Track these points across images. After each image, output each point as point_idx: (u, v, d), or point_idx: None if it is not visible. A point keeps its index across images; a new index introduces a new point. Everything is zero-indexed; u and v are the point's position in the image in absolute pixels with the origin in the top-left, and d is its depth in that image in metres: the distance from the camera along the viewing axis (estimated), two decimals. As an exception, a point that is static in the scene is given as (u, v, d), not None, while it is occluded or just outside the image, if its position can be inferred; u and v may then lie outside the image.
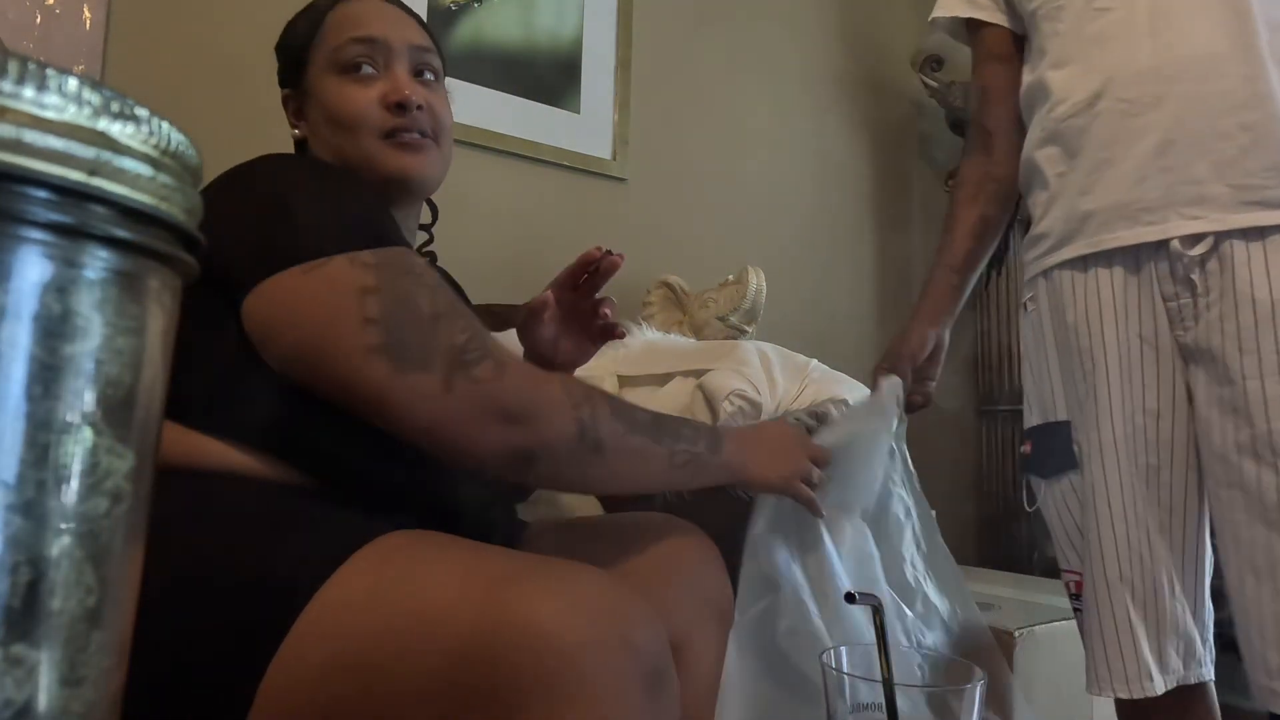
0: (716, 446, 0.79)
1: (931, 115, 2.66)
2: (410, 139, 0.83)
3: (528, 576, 0.55)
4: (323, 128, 0.83)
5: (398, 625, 0.54)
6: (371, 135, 0.81)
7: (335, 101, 0.81)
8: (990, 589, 1.24)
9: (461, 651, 0.52)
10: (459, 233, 1.92)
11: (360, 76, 0.82)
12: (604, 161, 1.98)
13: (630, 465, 0.72)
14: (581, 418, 0.68)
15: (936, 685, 0.60)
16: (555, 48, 1.92)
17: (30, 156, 0.23)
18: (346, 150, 0.82)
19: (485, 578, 0.55)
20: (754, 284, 1.71)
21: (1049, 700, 1.02)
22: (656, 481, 0.76)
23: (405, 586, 0.56)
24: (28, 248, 0.24)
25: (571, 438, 0.67)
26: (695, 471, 0.77)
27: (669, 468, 0.75)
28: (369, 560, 0.59)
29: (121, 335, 0.27)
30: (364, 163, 0.81)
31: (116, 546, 0.27)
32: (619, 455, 0.71)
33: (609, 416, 0.70)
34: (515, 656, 0.51)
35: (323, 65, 0.83)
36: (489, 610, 0.52)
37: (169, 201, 0.28)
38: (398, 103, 0.81)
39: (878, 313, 2.53)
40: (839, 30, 2.51)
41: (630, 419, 0.72)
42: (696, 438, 0.77)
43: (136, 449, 0.28)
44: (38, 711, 0.24)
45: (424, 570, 0.57)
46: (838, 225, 2.46)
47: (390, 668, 0.53)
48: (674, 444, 0.74)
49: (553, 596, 0.53)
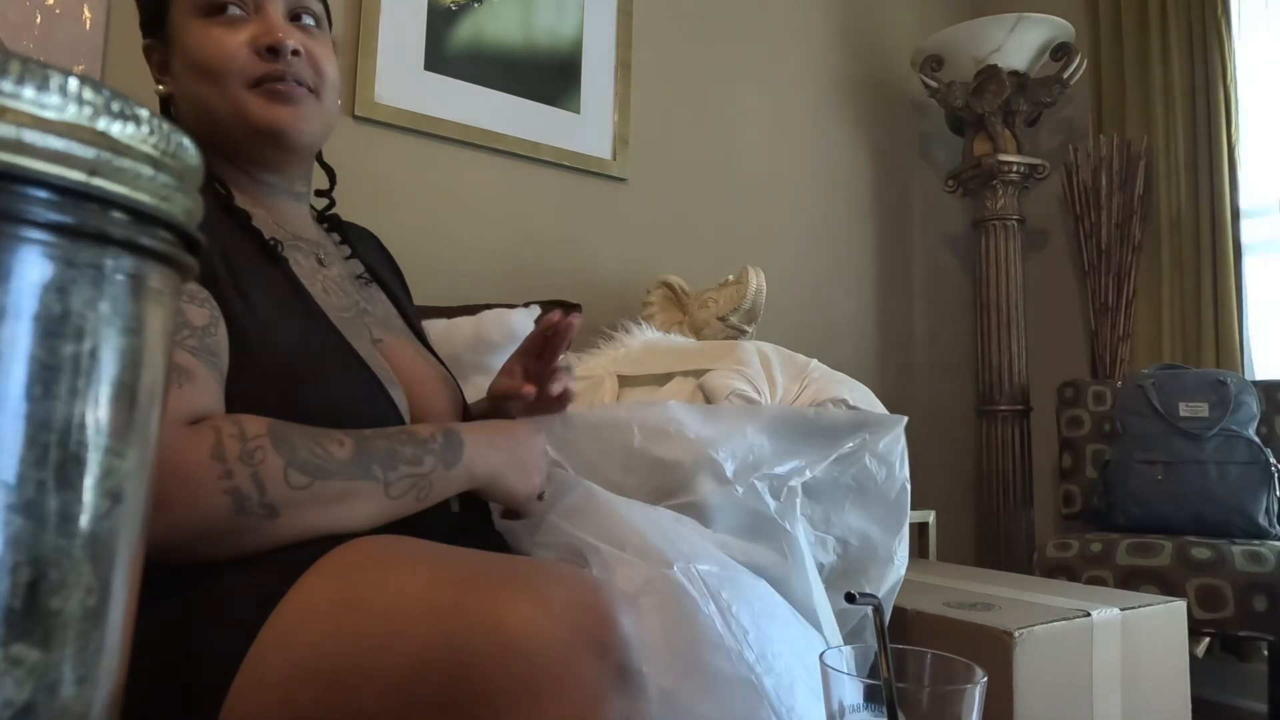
0: (454, 456, 0.69)
1: (931, 115, 2.66)
2: (284, 88, 0.75)
3: (493, 579, 0.53)
4: (187, 79, 0.75)
5: (362, 635, 0.53)
6: (239, 83, 0.74)
7: (199, 47, 0.74)
8: (990, 589, 1.24)
9: (427, 660, 0.50)
10: (459, 232, 1.93)
11: (227, 18, 0.74)
12: (604, 161, 1.98)
13: (323, 515, 0.61)
14: (238, 486, 0.57)
15: (936, 685, 0.60)
16: (555, 48, 1.92)
17: (30, 156, 0.23)
18: (213, 102, 0.75)
19: (450, 582, 0.53)
20: (754, 284, 1.71)
21: (1049, 700, 1.02)
22: (368, 518, 0.64)
23: (370, 594, 0.54)
24: (28, 248, 0.24)
25: (224, 513, 0.57)
26: (423, 493, 0.67)
27: (385, 500, 0.64)
28: (334, 568, 0.57)
29: (121, 335, 0.27)
30: (231, 116, 0.75)
31: (116, 546, 0.27)
32: (303, 510, 0.60)
33: (280, 472, 0.59)
34: (481, 664, 0.49)
35: (185, 8, 0.75)
36: (454, 617, 0.51)
37: (169, 201, 0.28)
38: (269, 46, 0.74)
39: (878, 313, 2.53)
40: (839, 30, 2.51)
41: (318, 463, 0.61)
42: (422, 454, 0.67)
43: (136, 449, 0.28)
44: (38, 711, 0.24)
45: (389, 576, 0.55)
46: (838, 225, 2.46)
47: (355, 679, 0.52)
48: (387, 473, 0.64)
49: (519, 599, 0.51)
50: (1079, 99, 2.54)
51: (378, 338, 0.81)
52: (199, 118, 0.76)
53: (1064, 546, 1.78)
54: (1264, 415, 1.92)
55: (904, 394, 2.50)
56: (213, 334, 0.65)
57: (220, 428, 0.59)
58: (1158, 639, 1.17)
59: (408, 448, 0.67)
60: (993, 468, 2.38)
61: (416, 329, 0.92)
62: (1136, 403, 1.96)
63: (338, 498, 0.62)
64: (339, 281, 0.81)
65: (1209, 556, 1.63)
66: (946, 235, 2.73)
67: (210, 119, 0.75)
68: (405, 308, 0.92)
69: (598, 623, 0.53)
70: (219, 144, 0.77)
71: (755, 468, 0.90)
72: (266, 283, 0.71)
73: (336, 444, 0.63)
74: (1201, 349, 2.19)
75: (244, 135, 0.76)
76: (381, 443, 0.65)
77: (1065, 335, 2.54)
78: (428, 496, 0.68)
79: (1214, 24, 2.25)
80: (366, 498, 0.64)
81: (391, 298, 0.91)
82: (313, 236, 0.83)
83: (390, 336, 0.83)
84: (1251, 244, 2.20)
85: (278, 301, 0.71)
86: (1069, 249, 2.55)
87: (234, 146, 0.77)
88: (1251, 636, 1.60)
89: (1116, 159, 2.36)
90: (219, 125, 0.76)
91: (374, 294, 0.87)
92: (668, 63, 2.13)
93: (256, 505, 0.58)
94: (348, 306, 0.79)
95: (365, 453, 0.64)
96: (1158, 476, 1.88)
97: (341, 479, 0.62)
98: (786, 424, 0.96)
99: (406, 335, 0.87)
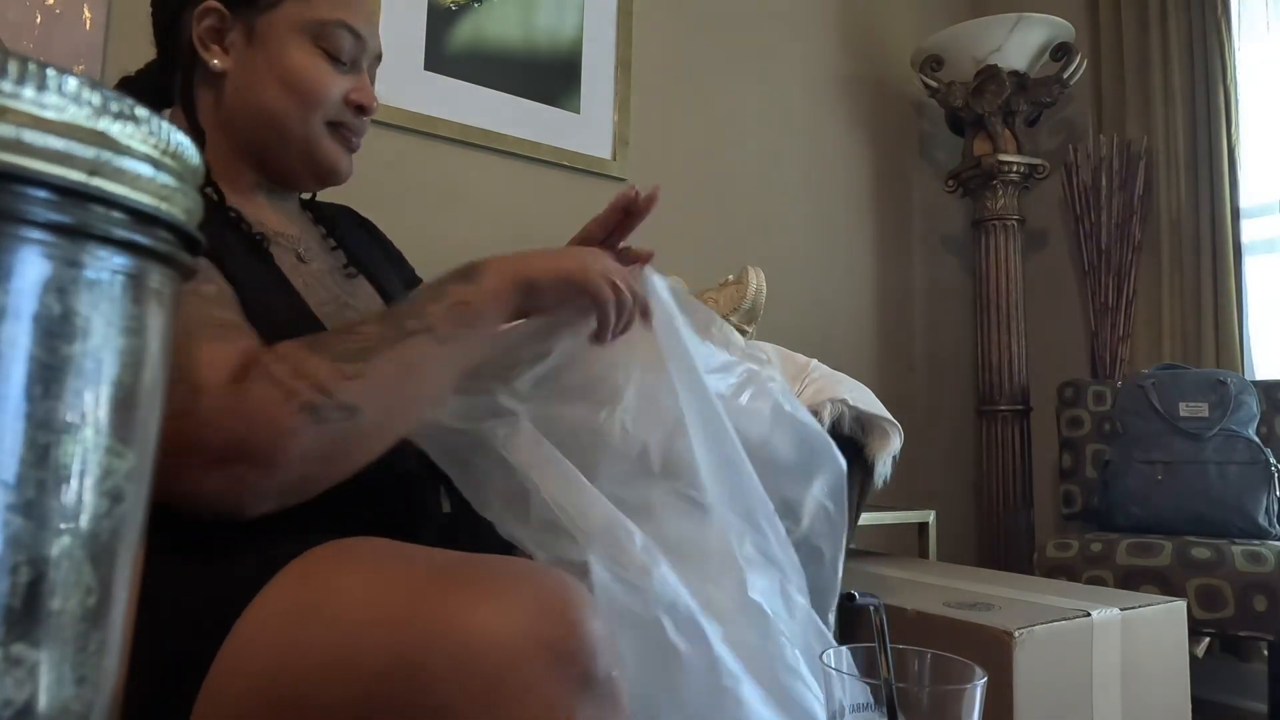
0: (472, 273, 0.66)
1: (931, 115, 2.66)
2: (356, 142, 0.82)
3: (451, 583, 0.51)
4: (266, 80, 0.76)
5: (319, 649, 0.51)
6: (322, 119, 0.78)
7: (300, 67, 0.76)
8: (990, 589, 1.24)
9: (382, 675, 0.49)
10: (458, 232, 1.93)
11: (331, 59, 0.78)
12: (604, 161, 1.98)
13: (398, 391, 0.61)
14: (305, 400, 0.57)
15: (936, 685, 0.60)
16: (555, 48, 1.92)
17: (30, 156, 0.23)
18: (287, 118, 0.77)
19: (406, 589, 0.51)
20: (754, 284, 1.71)
21: (1049, 700, 1.02)
22: (441, 374, 0.63)
23: (327, 604, 0.53)
24: (28, 248, 0.24)
25: (310, 429, 0.56)
26: (468, 318, 0.64)
27: (438, 346, 0.62)
28: (293, 578, 0.55)
29: (121, 335, 0.27)
30: (300, 140, 0.78)
31: (116, 546, 0.27)
32: (375, 395, 0.59)
33: (331, 370, 0.58)
34: (436, 678, 0.48)
35: (297, 23, 0.77)
36: (410, 626, 0.49)
37: (169, 201, 0.28)
38: (361, 105, 0.80)
39: (878, 313, 2.53)
40: (839, 30, 2.51)
41: (359, 347, 0.60)
42: (441, 288, 0.65)
43: (136, 449, 0.28)
44: (38, 711, 0.24)
45: (347, 584, 0.54)
46: (838, 225, 2.46)
47: (313, 695, 0.51)
48: (423, 318, 0.62)
49: (475, 608, 0.49)
50: (1079, 99, 2.54)
51: None
52: (254, 114, 0.77)
53: (1064, 546, 1.78)
54: (1264, 415, 1.92)
55: (904, 394, 2.50)
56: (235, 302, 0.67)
57: (261, 359, 0.59)
58: (1158, 639, 1.17)
59: (425, 294, 0.65)
60: (993, 468, 2.38)
61: None
62: (1136, 403, 1.96)
63: (397, 368, 0.61)
64: (319, 277, 0.81)
65: (1209, 556, 1.63)
66: (946, 235, 2.73)
67: (268, 123, 0.77)
68: (393, 296, 0.90)
69: (560, 629, 0.50)
70: (257, 141, 0.78)
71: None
72: (252, 276, 0.72)
73: (363, 325, 0.62)
74: (1201, 349, 2.19)
75: (298, 158, 0.79)
76: (401, 305, 0.65)
77: (1065, 335, 2.54)
78: (477, 319, 0.65)
79: (1214, 24, 2.25)
80: (423, 353, 0.62)
81: (377, 286, 0.89)
82: (294, 231, 0.83)
83: None
84: (1251, 244, 2.20)
85: (262, 297, 0.71)
86: (1069, 249, 2.55)
87: (273, 155, 0.79)
88: (1251, 636, 1.60)
89: (1116, 159, 2.36)
90: (275, 135, 0.78)
91: (358, 287, 0.87)
92: (668, 63, 2.13)
93: (332, 409, 0.58)
94: (327, 301, 0.79)
95: (390, 316, 0.63)
96: (1158, 476, 1.88)
97: (386, 348, 0.60)
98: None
99: None
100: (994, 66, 2.33)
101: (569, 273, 0.69)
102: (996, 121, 2.37)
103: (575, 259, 0.70)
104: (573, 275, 0.69)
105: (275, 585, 0.55)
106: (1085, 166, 2.42)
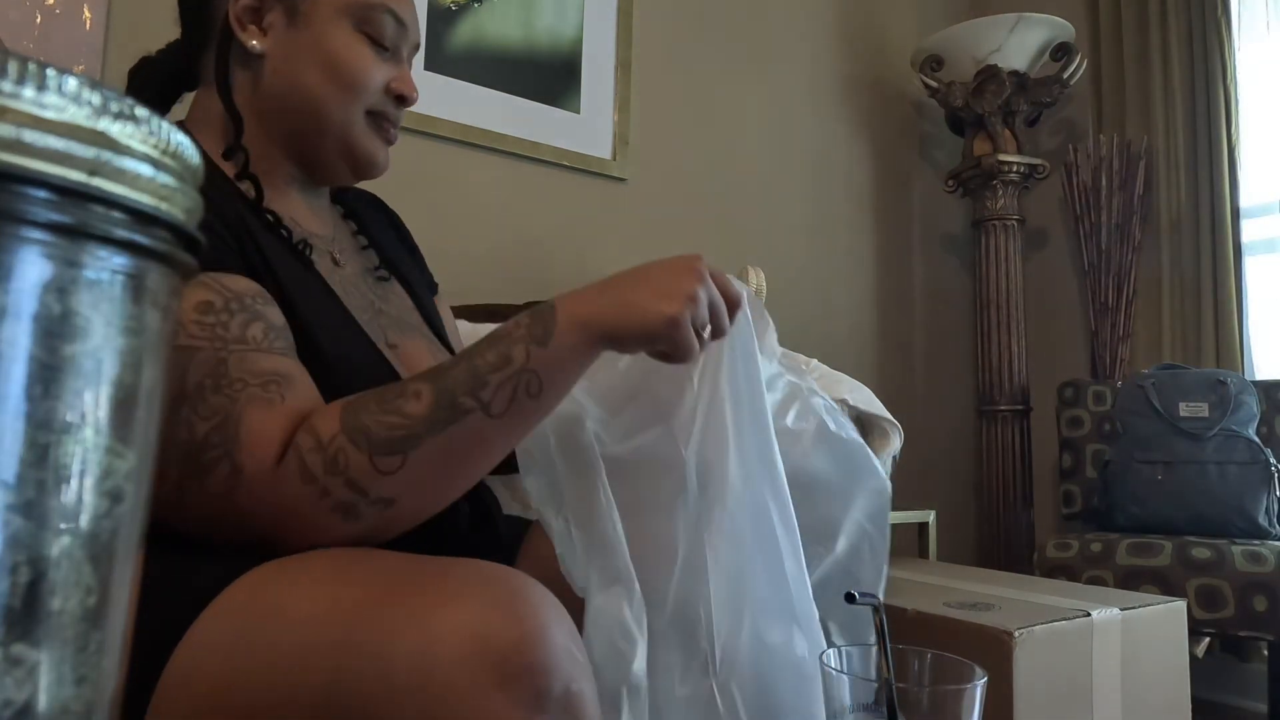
0: (545, 329, 0.59)
1: (931, 115, 2.66)
2: (393, 133, 0.79)
3: (391, 602, 0.48)
4: (308, 64, 0.73)
5: (260, 673, 0.49)
6: (362, 107, 0.75)
7: (345, 52, 0.73)
8: (990, 589, 1.24)
9: (323, 699, 0.47)
10: (459, 232, 1.93)
11: (375, 45, 0.75)
12: (604, 161, 1.98)
13: (442, 475, 0.57)
14: (338, 500, 0.55)
15: (936, 685, 0.60)
16: (555, 48, 1.92)
17: (30, 156, 0.23)
18: (327, 103, 0.74)
19: (346, 610, 0.49)
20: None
21: (1049, 700, 1.02)
22: (493, 451, 0.59)
23: (267, 628, 0.50)
24: (28, 248, 0.24)
25: (342, 526, 0.56)
26: (533, 388, 0.58)
27: (492, 422, 0.57)
28: (236, 597, 0.53)
29: (121, 335, 0.27)
30: (338, 126, 0.75)
31: (116, 546, 0.27)
32: (414, 486, 0.57)
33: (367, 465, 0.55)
34: (376, 701, 0.46)
35: (341, 5, 0.73)
36: (348, 650, 0.47)
37: (169, 201, 0.28)
38: (401, 95, 0.77)
39: (878, 313, 2.53)
40: (839, 30, 2.51)
41: (401, 435, 0.56)
42: (508, 350, 0.58)
43: (136, 449, 0.28)
44: (38, 711, 0.24)
45: (289, 603, 0.51)
46: (838, 225, 2.46)
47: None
48: (478, 394, 0.57)
49: (415, 629, 0.46)
50: (1079, 99, 2.54)
51: (393, 343, 0.78)
52: (293, 100, 0.74)
53: (1064, 546, 1.78)
54: (1264, 415, 1.92)
55: (904, 394, 2.50)
56: (289, 332, 0.64)
57: (299, 444, 0.56)
58: (1158, 639, 1.17)
59: (489, 354, 0.58)
60: (993, 468, 2.38)
61: (433, 321, 0.88)
62: (1136, 403, 1.96)
63: (443, 456, 0.57)
64: (354, 281, 0.79)
65: (1209, 556, 1.63)
66: (946, 235, 2.73)
67: (306, 110, 0.74)
68: (421, 298, 0.89)
69: (507, 646, 0.46)
70: (294, 129, 0.75)
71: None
72: (301, 284, 0.69)
73: (413, 399, 0.57)
74: (1201, 349, 2.19)
75: (335, 148, 0.76)
76: (460, 367, 0.58)
77: (1065, 335, 2.54)
78: (542, 390, 0.58)
79: (1214, 24, 2.25)
80: (473, 433, 0.57)
81: (408, 288, 0.87)
82: (327, 232, 0.80)
83: (405, 339, 0.80)
84: (1251, 244, 2.20)
85: (313, 304, 0.69)
86: (1069, 249, 2.55)
87: (310, 144, 0.76)
88: (1251, 636, 1.60)
89: (1116, 159, 2.36)
90: (313, 122, 0.74)
91: (389, 290, 0.84)
92: (668, 62, 2.13)
93: (366, 506, 0.56)
94: (364, 308, 0.77)
95: (445, 390, 0.57)
96: (1158, 476, 1.88)
97: (432, 435, 0.56)
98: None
99: (422, 334, 0.84)
100: (994, 66, 2.33)
101: (655, 333, 0.61)
102: (996, 121, 2.37)
103: (667, 301, 0.60)
104: (659, 335, 0.61)
105: (218, 608, 0.53)
106: (1085, 166, 2.42)
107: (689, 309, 0.61)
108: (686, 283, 0.61)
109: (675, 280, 0.61)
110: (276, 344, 0.61)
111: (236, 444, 0.56)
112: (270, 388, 0.58)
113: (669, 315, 0.60)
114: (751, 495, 0.69)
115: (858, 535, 0.79)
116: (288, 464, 0.56)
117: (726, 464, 0.68)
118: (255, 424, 0.56)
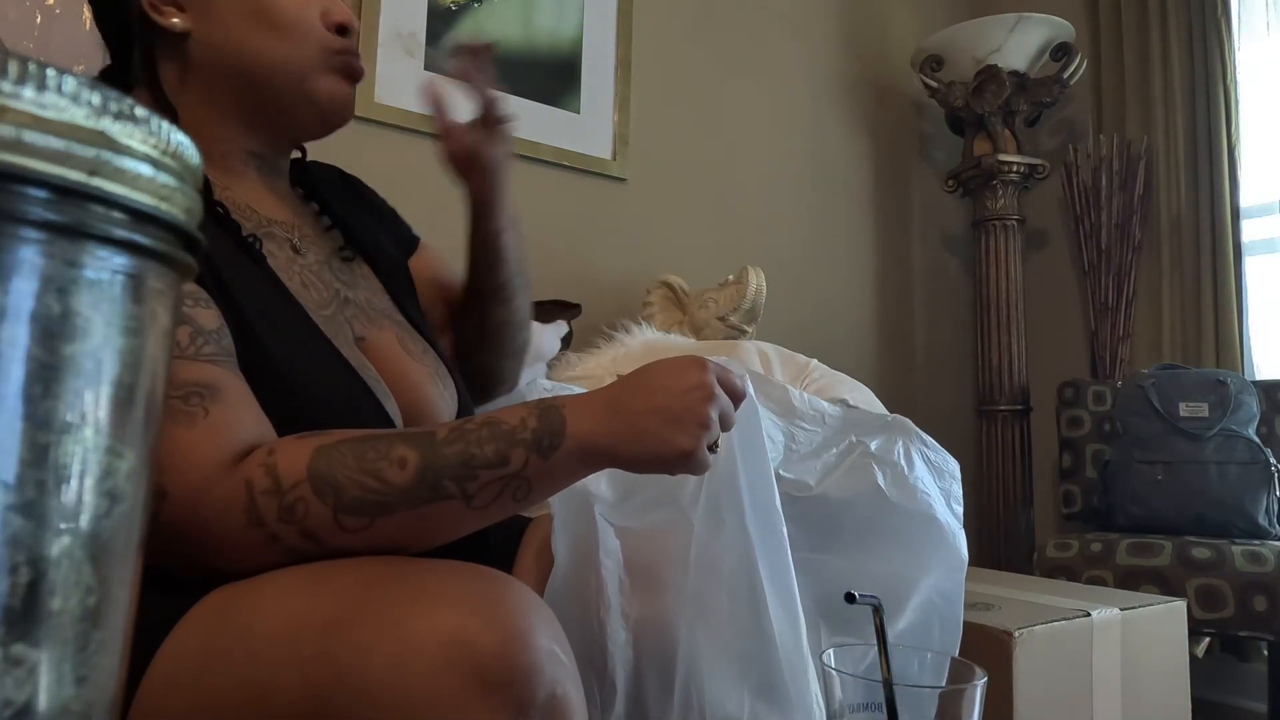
0: (551, 440, 0.55)
1: (931, 115, 2.66)
2: (357, 67, 0.73)
3: (361, 615, 0.46)
4: (236, 22, 0.68)
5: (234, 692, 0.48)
6: (314, 50, 0.70)
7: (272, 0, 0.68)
8: (990, 589, 1.24)
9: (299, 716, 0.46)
10: (458, 233, 1.92)
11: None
12: (604, 161, 1.98)
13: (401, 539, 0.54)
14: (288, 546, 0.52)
15: (936, 685, 0.60)
16: (555, 48, 1.92)
17: (30, 156, 0.23)
18: (272, 59, 0.69)
19: (316, 626, 0.47)
20: (754, 284, 1.72)
21: (1049, 700, 1.02)
22: (455, 533, 0.56)
23: (239, 647, 0.49)
24: (27, 248, 0.24)
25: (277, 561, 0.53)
26: (519, 494, 0.55)
27: (469, 511, 0.55)
28: (206, 615, 0.51)
29: (121, 335, 0.27)
30: (294, 81, 0.70)
31: (116, 546, 0.27)
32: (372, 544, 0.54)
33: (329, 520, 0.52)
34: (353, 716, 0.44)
35: None
36: (322, 664, 0.46)
37: (169, 201, 0.28)
38: (341, 24, 0.71)
39: (878, 313, 2.53)
40: (839, 30, 2.51)
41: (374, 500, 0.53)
42: (508, 450, 0.54)
43: (136, 449, 0.28)
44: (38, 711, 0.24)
45: (259, 620, 0.49)
46: (838, 225, 2.46)
47: None
48: (464, 484, 0.54)
49: (387, 641, 0.45)
50: (1079, 99, 2.54)
51: (359, 335, 0.73)
52: (234, 65, 0.69)
53: (1064, 546, 1.78)
54: (1264, 415, 1.92)
55: (904, 394, 2.50)
56: (226, 336, 0.60)
57: (252, 481, 0.52)
58: (1158, 639, 1.17)
59: (488, 446, 0.55)
60: (993, 468, 2.38)
61: (404, 302, 0.84)
62: (1136, 403, 1.96)
63: (409, 527, 0.54)
64: (317, 271, 0.74)
65: (1209, 556, 1.63)
66: (946, 235, 2.73)
67: (252, 73, 0.69)
68: (392, 274, 0.84)
69: (486, 653, 0.44)
70: (243, 98, 0.70)
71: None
72: (248, 284, 0.65)
73: (396, 467, 0.53)
74: (1201, 349, 2.19)
75: (297, 103, 0.71)
76: (455, 448, 0.54)
77: (1065, 335, 2.54)
78: (529, 496, 0.56)
79: (1214, 24, 2.25)
80: (443, 516, 0.55)
81: (376, 267, 0.83)
82: (288, 217, 0.75)
83: (373, 330, 0.75)
84: (1251, 244, 2.20)
85: (262, 306, 0.64)
86: (1069, 249, 2.55)
87: (267, 108, 0.71)
88: (1251, 636, 1.60)
89: (1116, 159, 2.36)
90: (263, 83, 0.69)
91: (357, 273, 0.80)
92: (668, 62, 2.13)
93: (319, 552, 0.53)
94: (327, 302, 0.72)
95: (432, 469, 0.54)
96: (1158, 476, 1.88)
97: (406, 508, 0.53)
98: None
99: (392, 320, 0.79)
100: (994, 66, 2.33)
101: (670, 466, 0.58)
102: (996, 121, 2.37)
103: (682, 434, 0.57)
104: (673, 468, 0.58)
105: (187, 626, 0.51)
106: (1085, 166, 2.42)
107: (704, 438, 0.57)
108: (699, 408, 0.57)
109: (687, 404, 0.57)
110: (205, 350, 0.57)
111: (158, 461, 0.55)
112: (192, 400, 0.55)
113: (684, 450, 0.56)
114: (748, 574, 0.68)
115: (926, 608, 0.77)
116: (231, 497, 0.52)
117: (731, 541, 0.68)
118: (172, 442, 0.53)
